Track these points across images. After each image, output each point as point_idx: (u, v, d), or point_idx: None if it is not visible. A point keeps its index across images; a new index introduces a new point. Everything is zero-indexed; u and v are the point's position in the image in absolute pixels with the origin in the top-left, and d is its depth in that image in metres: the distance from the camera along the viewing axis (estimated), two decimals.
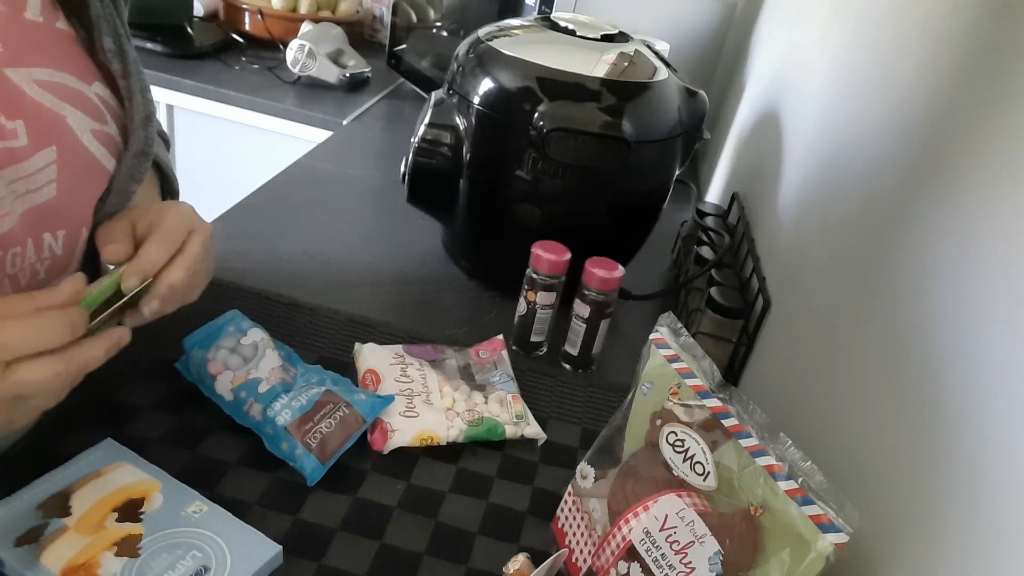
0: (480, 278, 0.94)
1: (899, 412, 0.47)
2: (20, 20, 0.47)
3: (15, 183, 0.45)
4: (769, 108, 1.03)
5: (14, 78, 0.45)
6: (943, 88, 0.52)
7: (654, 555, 0.46)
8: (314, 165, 1.19)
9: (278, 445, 0.59)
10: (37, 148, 0.46)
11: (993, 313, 0.40)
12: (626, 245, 0.91)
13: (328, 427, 0.60)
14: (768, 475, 0.44)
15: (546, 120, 0.76)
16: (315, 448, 0.58)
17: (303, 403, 0.60)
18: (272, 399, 0.60)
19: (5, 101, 0.45)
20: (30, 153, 0.46)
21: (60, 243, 0.51)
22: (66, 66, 0.49)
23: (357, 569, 0.53)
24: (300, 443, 0.58)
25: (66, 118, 0.48)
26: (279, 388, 0.61)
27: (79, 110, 0.49)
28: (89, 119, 0.50)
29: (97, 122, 0.51)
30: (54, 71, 0.48)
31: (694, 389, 0.49)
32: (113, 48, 0.52)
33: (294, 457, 0.58)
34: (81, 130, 0.49)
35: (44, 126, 0.47)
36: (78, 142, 0.49)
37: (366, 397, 0.64)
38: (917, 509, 0.43)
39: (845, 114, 0.71)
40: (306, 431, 0.59)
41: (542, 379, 0.77)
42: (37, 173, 0.47)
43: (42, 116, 0.47)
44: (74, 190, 0.50)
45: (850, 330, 0.57)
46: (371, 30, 1.95)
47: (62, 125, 0.48)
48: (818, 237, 0.70)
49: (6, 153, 0.44)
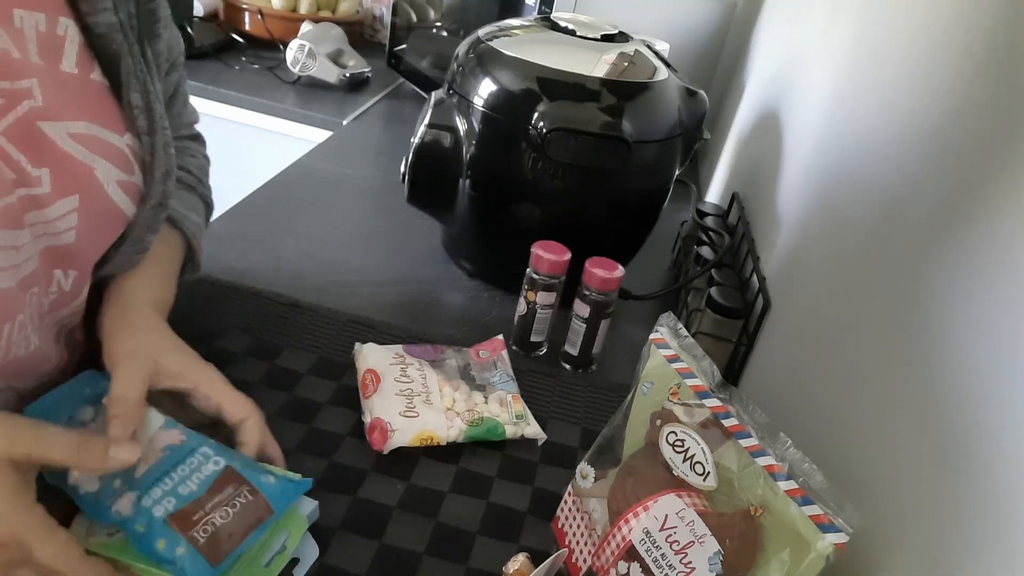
0: (480, 278, 0.94)
1: (899, 412, 0.47)
2: (57, 73, 0.48)
3: (35, 226, 0.47)
4: (769, 108, 1.03)
5: (48, 131, 0.47)
6: (944, 87, 0.52)
7: (654, 555, 0.46)
8: (314, 165, 1.19)
9: (151, 545, 0.45)
10: (60, 195, 0.48)
11: (993, 312, 0.40)
12: (626, 245, 0.91)
13: (224, 516, 0.47)
14: (768, 475, 0.44)
15: (546, 120, 0.76)
16: (203, 545, 0.45)
17: (193, 488, 0.48)
18: (151, 484, 0.47)
19: (34, 150, 0.46)
20: (52, 200, 0.48)
21: (70, 281, 0.52)
22: (99, 118, 0.51)
23: (357, 569, 0.53)
24: (184, 539, 0.45)
25: (95, 170, 0.50)
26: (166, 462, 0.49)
27: (108, 161, 0.51)
28: (117, 170, 0.52)
29: (124, 172, 0.52)
30: (88, 124, 0.50)
31: (694, 389, 0.49)
32: (141, 105, 0.53)
33: (172, 558, 0.45)
34: (107, 181, 0.51)
35: (70, 175, 0.48)
36: (103, 192, 0.51)
37: (276, 480, 0.51)
38: (917, 509, 0.43)
39: (845, 113, 0.71)
40: (194, 523, 0.46)
41: (542, 379, 0.77)
42: (58, 220, 0.48)
43: (70, 166, 0.48)
44: (93, 236, 0.51)
45: (850, 330, 0.57)
46: (371, 30, 1.95)
47: (90, 176, 0.50)
48: (818, 237, 0.70)
49: (29, 199, 0.46)
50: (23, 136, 0.45)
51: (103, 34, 0.50)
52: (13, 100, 0.45)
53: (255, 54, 1.66)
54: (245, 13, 1.70)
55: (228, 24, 1.74)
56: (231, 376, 0.57)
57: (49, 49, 0.47)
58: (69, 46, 0.48)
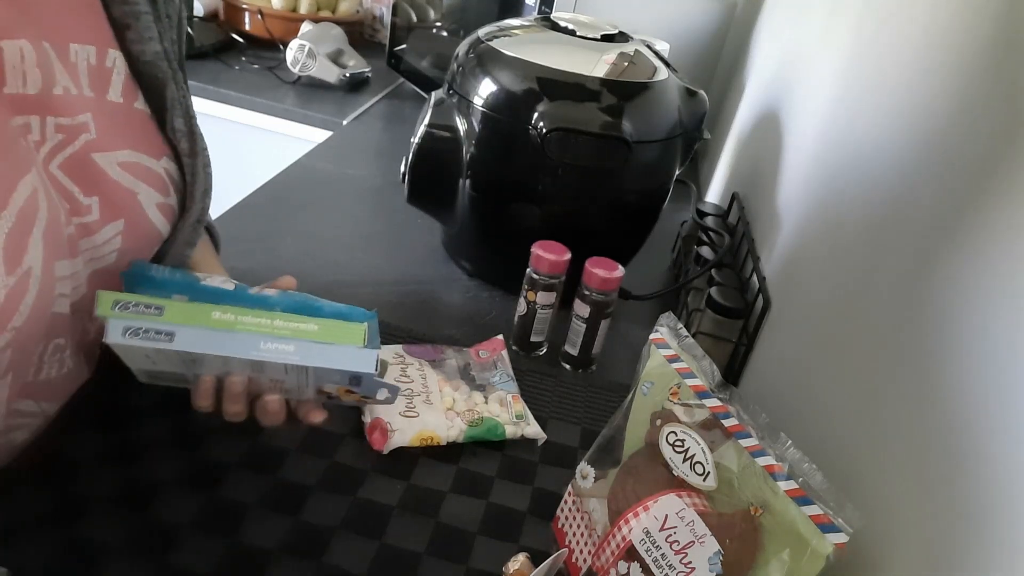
0: (480, 278, 0.94)
1: (899, 411, 0.47)
2: (104, 103, 0.49)
3: (86, 252, 0.49)
4: (769, 108, 1.03)
5: (100, 162, 0.49)
6: (944, 87, 0.52)
7: (654, 555, 0.46)
8: (314, 165, 1.19)
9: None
10: (107, 221, 0.50)
11: (993, 312, 0.40)
12: (626, 245, 0.91)
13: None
14: (768, 475, 0.44)
15: (546, 120, 0.76)
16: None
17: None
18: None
19: (87, 181, 0.48)
20: (100, 226, 0.49)
21: None
22: (142, 146, 0.52)
23: (357, 569, 0.53)
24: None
25: (138, 195, 0.51)
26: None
27: (150, 186, 0.52)
28: (156, 193, 0.53)
29: (162, 195, 0.54)
30: (133, 152, 0.51)
31: (694, 389, 0.49)
32: (184, 129, 0.55)
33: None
34: (148, 204, 0.53)
35: (117, 202, 0.50)
36: (144, 215, 0.52)
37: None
38: (917, 509, 0.43)
39: (845, 113, 0.71)
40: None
41: (542, 379, 0.77)
42: (104, 244, 0.50)
43: (117, 193, 0.50)
44: (132, 255, 0.53)
45: (850, 330, 0.57)
46: (371, 30, 1.95)
47: (133, 201, 0.51)
48: (818, 237, 0.70)
49: (82, 227, 0.48)
50: (78, 168, 0.47)
51: (149, 62, 0.51)
52: (72, 135, 0.46)
53: (255, 54, 1.66)
54: (245, 13, 1.70)
55: (228, 24, 1.74)
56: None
57: (98, 81, 0.48)
58: (116, 77, 0.50)
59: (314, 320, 0.50)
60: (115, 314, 0.47)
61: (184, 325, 0.48)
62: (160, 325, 0.48)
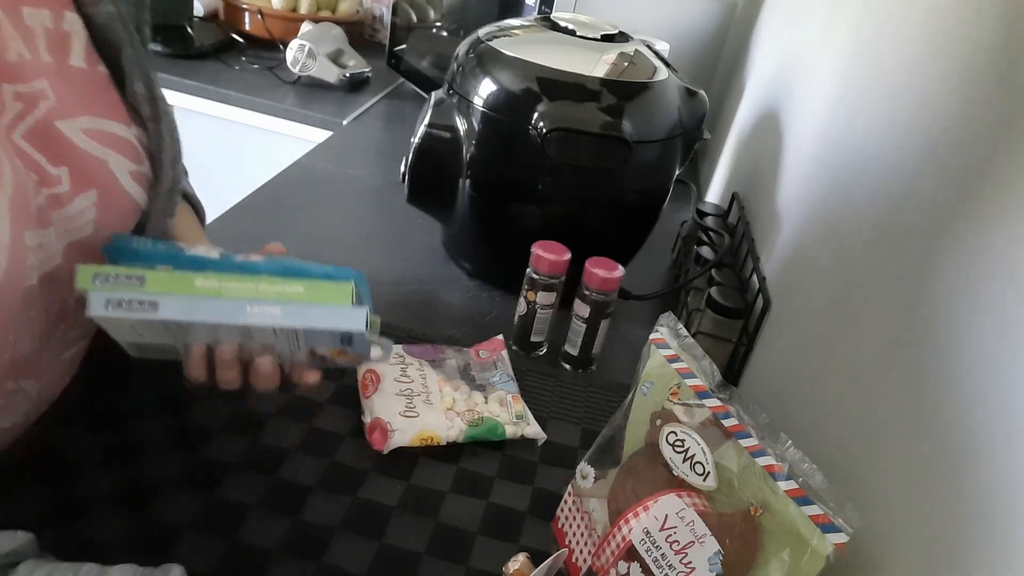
0: (480, 278, 0.94)
1: (899, 411, 0.47)
2: (66, 69, 0.47)
3: (58, 224, 0.47)
4: (769, 108, 1.03)
5: (64, 130, 0.47)
6: (944, 87, 0.52)
7: (654, 555, 0.46)
8: (314, 165, 1.19)
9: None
10: (78, 191, 0.48)
11: (993, 311, 0.40)
12: (626, 245, 0.91)
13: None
14: (768, 475, 0.44)
15: (546, 120, 0.76)
16: None
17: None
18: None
19: (52, 150, 0.46)
20: (72, 197, 0.48)
21: None
22: (109, 112, 0.51)
23: (357, 569, 0.53)
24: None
25: (108, 163, 0.50)
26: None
27: (120, 154, 0.51)
28: (128, 161, 0.52)
29: (135, 163, 0.53)
30: (98, 118, 0.50)
31: (694, 389, 0.49)
32: (144, 93, 0.53)
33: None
34: (121, 173, 0.51)
35: (87, 171, 0.49)
36: (117, 184, 0.51)
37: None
38: (917, 509, 0.43)
39: (846, 113, 0.71)
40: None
41: (542, 379, 0.77)
42: (78, 215, 0.49)
43: (86, 162, 0.49)
44: (109, 227, 0.52)
45: (850, 330, 0.57)
46: (371, 30, 1.95)
47: (105, 170, 0.50)
48: (818, 237, 0.70)
49: (52, 198, 0.46)
50: (42, 137, 0.46)
51: (104, 24, 0.49)
52: (31, 103, 0.45)
53: (255, 54, 1.66)
54: (245, 13, 1.70)
55: (228, 24, 1.74)
56: None
57: (57, 46, 0.47)
58: (76, 41, 0.48)
59: (301, 282, 0.49)
60: (95, 287, 0.47)
61: (167, 294, 0.47)
62: (142, 295, 0.47)
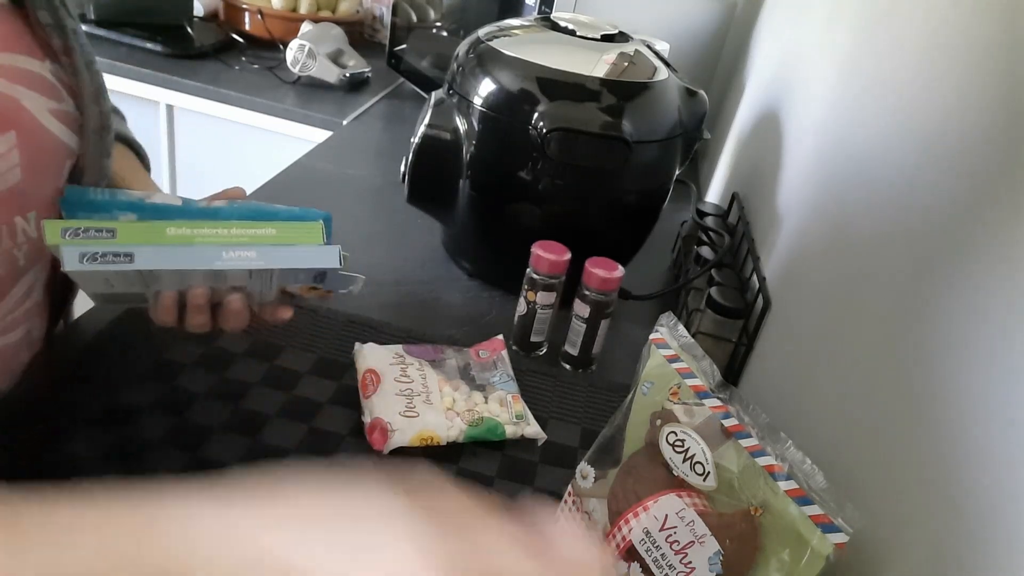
0: (480, 278, 0.94)
1: (900, 412, 0.47)
2: None
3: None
4: (769, 108, 1.03)
5: None
6: (944, 86, 0.52)
7: (654, 555, 0.46)
8: (314, 165, 1.19)
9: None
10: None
11: (993, 312, 0.40)
12: (626, 245, 0.91)
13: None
14: (768, 475, 0.44)
15: (546, 120, 0.76)
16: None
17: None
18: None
19: None
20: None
21: (32, 225, 0.50)
22: (14, 45, 0.47)
23: None
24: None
25: (21, 100, 0.47)
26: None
27: (34, 91, 0.48)
28: (45, 99, 0.49)
29: (54, 100, 0.50)
30: (1, 52, 0.46)
31: (694, 389, 0.49)
32: (51, 22, 0.49)
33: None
34: (39, 111, 0.48)
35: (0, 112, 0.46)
36: (37, 124, 0.48)
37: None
38: (917, 509, 0.43)
39: (846, 112, 0.71)
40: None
41: (542, 379, 0.77)
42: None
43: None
44: (39, 171, 0.49)
45: (850, 330, 0.57)
46: (371, 30, 1.95)
47: (18, 108, 0.47)
48: (818, 237, 0.70)
49: None
50: None
51: None
52: None
53: (255, 54, 1.66)
54: (245, 13, 1.70)
55: (228, 24, 1.74)
56: (231, 376, 0.57)
57: None
58: None
59: (271, 224, 0.51)
60: (66, 241, 0.46)
61: (141, 245, 0.47)
62: (117, 247, 0.46)
